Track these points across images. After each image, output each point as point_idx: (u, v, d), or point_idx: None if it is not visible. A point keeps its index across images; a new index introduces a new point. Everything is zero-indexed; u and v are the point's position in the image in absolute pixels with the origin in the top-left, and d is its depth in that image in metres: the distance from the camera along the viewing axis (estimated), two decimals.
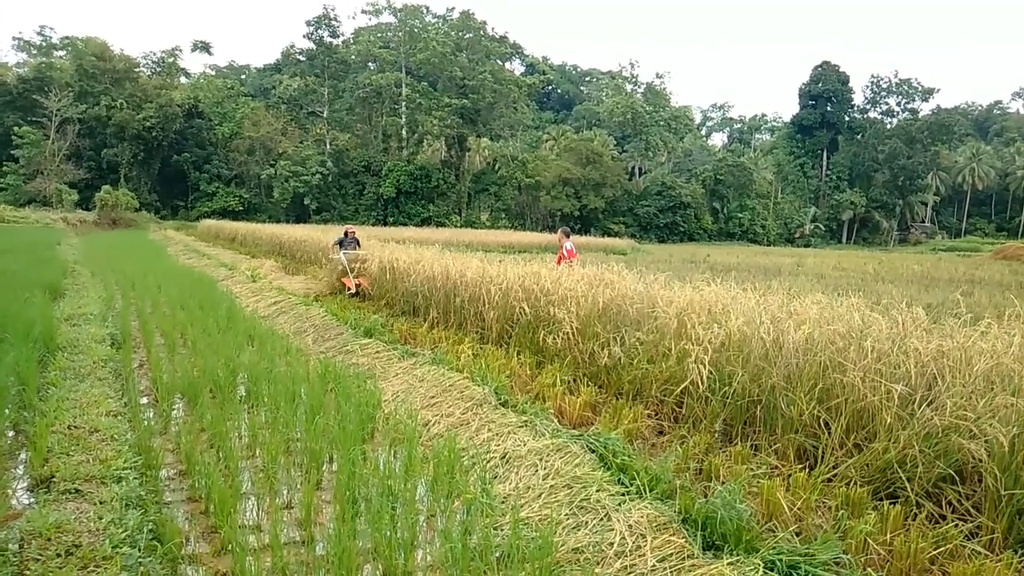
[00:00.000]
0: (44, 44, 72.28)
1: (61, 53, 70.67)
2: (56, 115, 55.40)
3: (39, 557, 3.15)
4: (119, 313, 10.20)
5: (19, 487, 4.31)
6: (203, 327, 8.89)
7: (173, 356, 7.67)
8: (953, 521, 3.76)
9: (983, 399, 4.08)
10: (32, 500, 4.00)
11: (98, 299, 11.18)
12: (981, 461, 3.80)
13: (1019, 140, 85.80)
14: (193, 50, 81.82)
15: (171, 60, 74.98)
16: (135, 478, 4.11)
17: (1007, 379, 4.22)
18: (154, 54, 75.13)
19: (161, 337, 8.78)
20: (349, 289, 12.50)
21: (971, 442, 3.84)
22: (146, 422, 5.28)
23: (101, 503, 3.70)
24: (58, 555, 3.17)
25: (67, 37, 71.28)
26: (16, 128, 54.41)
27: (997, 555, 3.47)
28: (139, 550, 3.30)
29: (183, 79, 76.80)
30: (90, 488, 3.89)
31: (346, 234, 14.44)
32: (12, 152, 54.79)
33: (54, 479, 4.02)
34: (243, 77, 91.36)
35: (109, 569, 3.09)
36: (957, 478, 3.97)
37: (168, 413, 5.84)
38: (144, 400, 6.21)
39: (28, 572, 3.06)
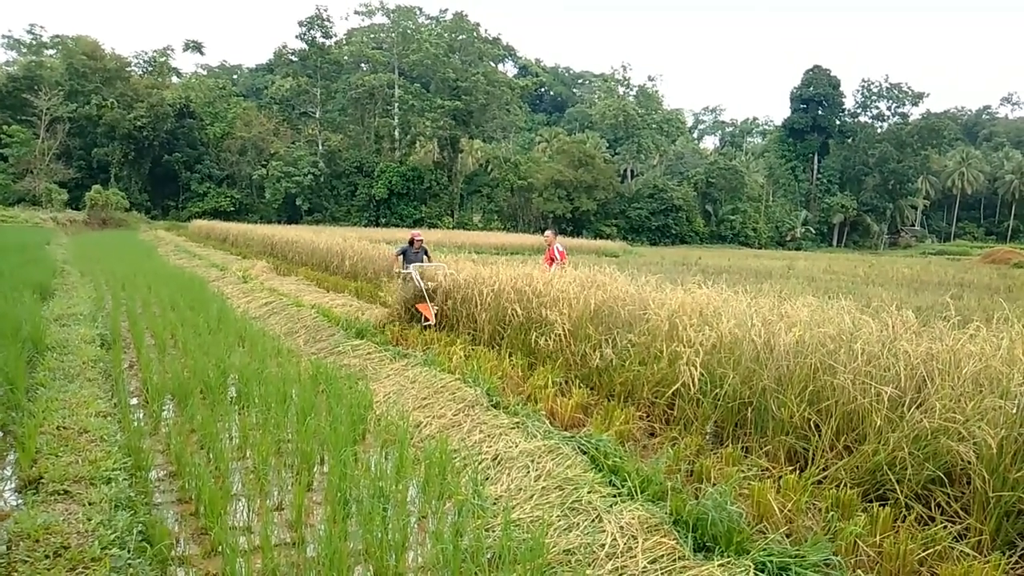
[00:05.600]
0: (34, 43, 71.78)
1: (51, 52, 70.20)
2: (46, 114, 54.99)
3: (27, 559, 3.13)
4: (109, 313, 10.14)
5: (7, 488, 4.28)
6: (194, 328, 8.85)
7: (163, 357, 7.63)
8: (942, 523, 3.78)
9: (972, 401, 4.11)
10: (20, 501, 3.97)
11: (88, 299, 11.11)
12: (970, 463, 3.83)
13: (1008, 145, 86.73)
14: (185, 50, 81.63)
15: (162, 60, 74.75)
16: (125, 479, 4.09)
17: (995, 382, 4.25)
18: (145, 53, 75.06)
19: (151, 338, 8.73)
20: (427, 320, 9.37)
21: (960, 444, 3.86)
22: (136, 423, 5.26)
23: (90, 504, 3.68)
24: (46, 556, 3.15)
25: (57, 36, 70.93)
26: (5, 127, 53.98)
27: (985, 556, 3.50)
28: (128, 551, 3.29)
29: (174, 79, 76.47)
30: (79, 489, 3.87)
31: (411, 242, 10.87)
32: (1, 151, 54.33)
33: (43, 480, 3.99)
34: (235, 77, 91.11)
35: (98, 571, 3.07)
36: (946, 480, 4.00)
37: (158, 414, 5.82)
38: (134, 401, 6.18)
39: (16, 574, 3.04)
